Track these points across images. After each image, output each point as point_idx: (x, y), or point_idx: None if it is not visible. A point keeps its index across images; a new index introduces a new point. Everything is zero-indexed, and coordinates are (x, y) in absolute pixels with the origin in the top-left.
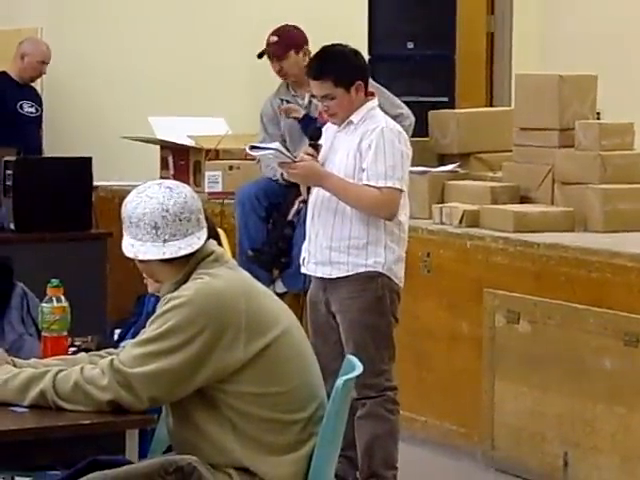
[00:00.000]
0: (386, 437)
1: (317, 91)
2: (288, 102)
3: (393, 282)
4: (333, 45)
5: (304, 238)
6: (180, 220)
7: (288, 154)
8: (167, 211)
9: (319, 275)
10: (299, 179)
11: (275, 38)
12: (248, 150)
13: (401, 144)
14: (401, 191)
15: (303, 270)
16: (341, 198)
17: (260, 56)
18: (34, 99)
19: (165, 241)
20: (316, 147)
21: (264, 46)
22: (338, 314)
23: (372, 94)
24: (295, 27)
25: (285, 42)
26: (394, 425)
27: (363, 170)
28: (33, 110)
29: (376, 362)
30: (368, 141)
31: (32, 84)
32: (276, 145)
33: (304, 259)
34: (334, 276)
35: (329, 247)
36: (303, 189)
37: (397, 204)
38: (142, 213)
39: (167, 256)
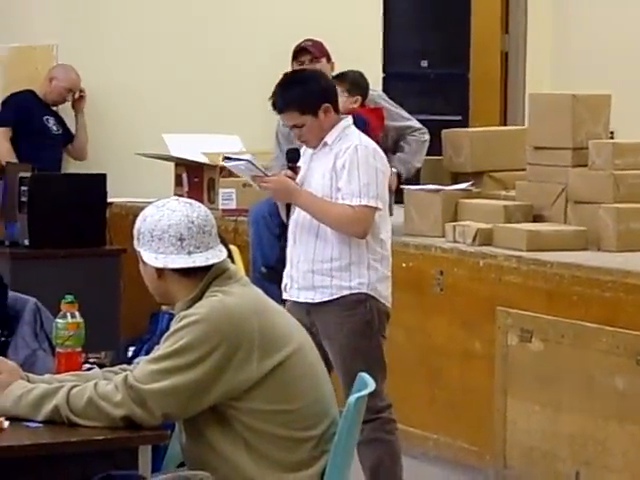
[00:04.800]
0: (389, 459)
1: (286, 122)
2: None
3: (380, 303)
4: (293, 72)
5: None
6: (204, 232)
7: (260, 167)
8: (192, 222)
9: (302, 300)
10: (271, 194)
11: (309, 42)
12: (221, 161)
13: (376, 161)
14: (376, 209)
15: (285, 296)
16: (312, 214)
17: (295, 56)
18: (58, 121)
19: (190, 253)
20: (294, 169)
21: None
22: (325, 339)
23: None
24: None
25: (320, 47)
26: (395, 444)
27: (339, 190)
28: (58, 128)
29: None
30: (342, 160)
31: (55, 109)
32: (248, 157)
33: (286, 285)
34: (317, 300)
35: (311, 271)
36: (282, 211)
37: (370, 222)
38: (167, 225)
39: (197, 264)
